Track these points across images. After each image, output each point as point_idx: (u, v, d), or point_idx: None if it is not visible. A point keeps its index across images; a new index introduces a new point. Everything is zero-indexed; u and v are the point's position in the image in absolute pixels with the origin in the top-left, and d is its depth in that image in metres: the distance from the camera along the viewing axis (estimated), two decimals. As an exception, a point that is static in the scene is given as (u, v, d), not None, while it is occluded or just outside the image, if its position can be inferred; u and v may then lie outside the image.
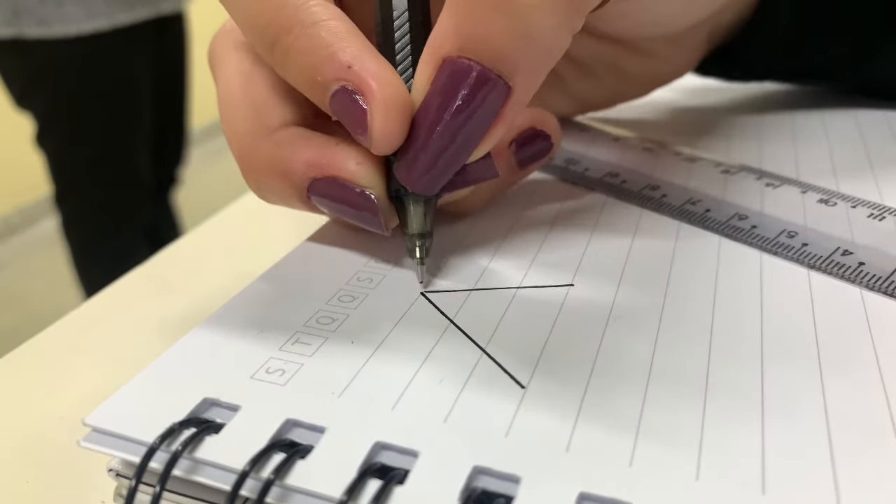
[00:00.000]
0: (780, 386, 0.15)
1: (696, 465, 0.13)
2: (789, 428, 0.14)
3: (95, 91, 0.92)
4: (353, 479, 0.13)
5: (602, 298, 0.18)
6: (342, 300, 0.19)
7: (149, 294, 0.26)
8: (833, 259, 0.19)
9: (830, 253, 0.19)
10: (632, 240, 0.21)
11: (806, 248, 0.20)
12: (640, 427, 0.14)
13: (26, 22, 0.85)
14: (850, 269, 0.19)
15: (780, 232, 0.20)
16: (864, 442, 0.13)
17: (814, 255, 0.19)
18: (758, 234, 0.20)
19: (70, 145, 0.95)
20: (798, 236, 0.20)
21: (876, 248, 0.19)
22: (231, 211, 0.32)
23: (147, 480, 0.14)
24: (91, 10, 0.87)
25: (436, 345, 0.17)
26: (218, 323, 0.18)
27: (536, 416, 0.14)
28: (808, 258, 0.19)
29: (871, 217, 0.20)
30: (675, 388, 0.15)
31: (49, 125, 0.94)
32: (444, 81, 0.16)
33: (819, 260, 0.19)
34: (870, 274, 0.18)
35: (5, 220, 1.76)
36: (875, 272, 0.18)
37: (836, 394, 0.14)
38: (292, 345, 0.17)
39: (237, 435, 0.14)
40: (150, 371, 0.16)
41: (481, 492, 0.13)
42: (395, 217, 0.19)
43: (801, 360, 0.16)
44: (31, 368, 0.22)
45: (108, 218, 0.99)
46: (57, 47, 0.87)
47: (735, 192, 0.23)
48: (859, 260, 0.19)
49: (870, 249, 0.19)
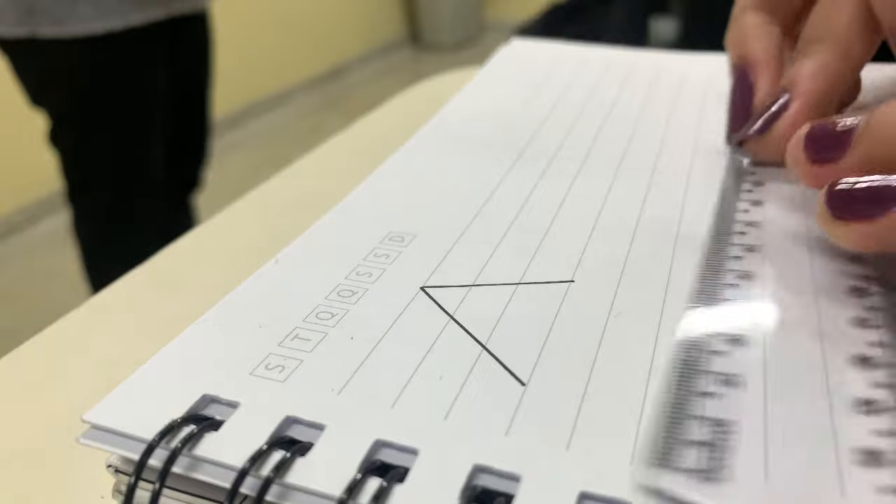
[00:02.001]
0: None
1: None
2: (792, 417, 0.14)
3: (109, 90, 0.92)
4: (353, 478, 0.13)
5: (603, 295, 0.18)
6: (342, 295, 0.19)
7: (149, 293, 0.26)
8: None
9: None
10: (633, 236, 0.21)
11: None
12: (641, 425, 0.14)
13: (40, 21, 0.85)
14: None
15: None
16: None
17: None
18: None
19: (83, 144, 0.94)
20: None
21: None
22: (231, 211, 0.32)
23: (146, 477, 0.14)
24: (104, 9, 0.87)
25: (436, 341, 0.16)
26: (216, 319, 0.18)
27: (537, 414, 0.14)
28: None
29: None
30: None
31: (62, 124, 0.94)
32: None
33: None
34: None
35: (6, 219, 1.76)
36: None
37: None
38: (291, 340, 0.17)
39: (236, 432, 0.14)
40: (148, 367, 0.16)
41: (481, 490, 0.13)
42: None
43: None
44: (31, 368, 0.22)
45: (120, 217, 0.99)
46: (70, 46, 0.87)
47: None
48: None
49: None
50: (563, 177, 0.25)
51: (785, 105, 0.23)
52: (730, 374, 0.15)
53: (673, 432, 0.13)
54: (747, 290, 0.17)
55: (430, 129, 0.29)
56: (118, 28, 0.88)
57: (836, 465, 0.13)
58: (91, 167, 0.96)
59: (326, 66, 2.71)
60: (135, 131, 0.96)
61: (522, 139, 0.28)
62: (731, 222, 0.21)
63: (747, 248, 0.19)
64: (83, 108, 0.92)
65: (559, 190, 0.24)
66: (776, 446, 0.13)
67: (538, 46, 0.39)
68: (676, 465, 0.13)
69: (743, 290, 0.17)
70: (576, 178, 0.25)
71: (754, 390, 0.14)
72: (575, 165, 0.26)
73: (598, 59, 0.36)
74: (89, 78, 0.90)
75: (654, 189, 0.23)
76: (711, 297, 0.17)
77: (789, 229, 0.20)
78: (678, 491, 0.12)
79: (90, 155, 0.95)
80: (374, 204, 0.23)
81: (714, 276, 0.18)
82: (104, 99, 0.92)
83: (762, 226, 0.20)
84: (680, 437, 0.13)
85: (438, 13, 3.02)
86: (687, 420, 0.14)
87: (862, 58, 0.24)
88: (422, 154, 0.27)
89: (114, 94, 0.92)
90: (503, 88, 0.33)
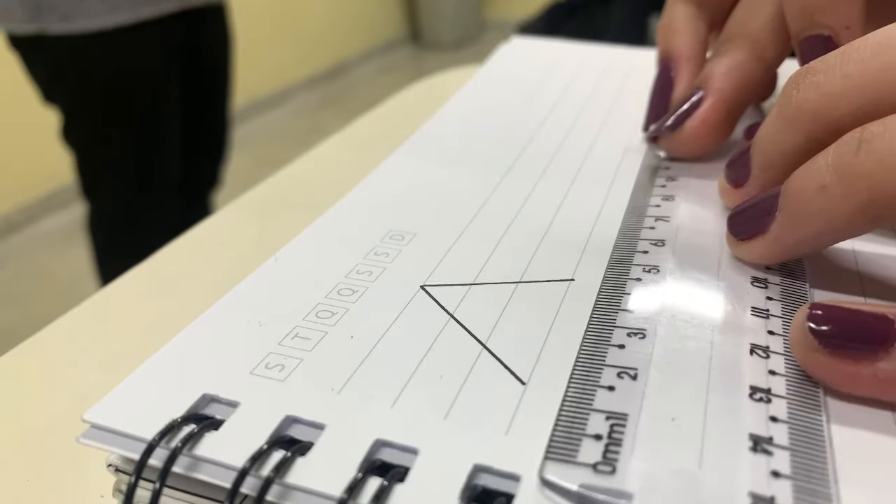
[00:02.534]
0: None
1: (699, 455, 0.13)
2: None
3: (120, 86, 0.91)
4: (353, 478, 0.13)
5: (627, 309, 0.18)
6: (342, 294, 0.18)
7: (149, 292, 0.26)
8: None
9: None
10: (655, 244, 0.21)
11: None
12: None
13: (48, 18, 0.84)
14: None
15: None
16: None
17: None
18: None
19: (95, 140, 0.94)
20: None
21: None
22: (231, 210, 0.32)
23: (146, 476, 0.14)
24: (113, 4, 0.86)
25: (436, 340, 0.16)
26: (216, 318, 0.18)
27: (537, 414, 0.14)
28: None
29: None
30: (678, 380, 0.15)
31: (74, 120, 0.93)
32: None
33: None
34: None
35: (6, 218, 1.76)
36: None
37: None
38: (291, 339, 0.17)
39: (237, 431, 0.14)
40: (148, 367, 0.16)
41: (482, 490, 0.13)
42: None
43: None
44: (31, 368, 0.22)
45: (134, 215, 0.98)
46: (80, 42, 0.86)
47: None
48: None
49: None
50: (563, 175, 0.25)
51: (698, 102, 0.23)
52: (628, 368, 0.15)
53: (574, 426, 0.14)
54: (653, 283, 0.18)
55: (430, 127, 0.29)
56: (128, 22, 0.87)
57: (733, 452, 0.13)
58: (103, 164, 0.95)
59: (327, 64, 2.71)
60: (148, 128, 0.95)
61: (523, 137, 0.28)
62: (643, 217, 0.21)
63: (654, 243, 0.20)
64: (94, 105, 0.91)
65: (559, 188, 0.24)
66: (669, 436, 0.13)
67: (538, 45, 0.39)
68: (575, 459, 0.13)
69: (648, 283, 0.18)
70: (576, 176, 0.25)
71: (651, 383, 0.15)
72: (575, 164, 0.26)
73: (599, 57, 0.36)
74: (99, 74, 0.89)
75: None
76: (617, 291, 0.18)
77: (699, 224, 0.21)
78: (573, 484, 0.12)
79: (102, 152, 0.94)
80: (374, 202, 0.23)
81: (621, 270, 0.19)
82: (115, 95, 0.91)
83: (672, 220, 0.21)
84: (580, 430, 0.13)
85: (439, 11, 3.02)
86: (589, 413, 0.14)
87: (776, 58, 0.24)
88: (422, 152, 0.27)
89: (125, 90, 0.91)
90: (503, 87, 0.33)
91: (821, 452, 0.13)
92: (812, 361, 0.14)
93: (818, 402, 0.14)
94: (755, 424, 0.13)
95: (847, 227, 0.16)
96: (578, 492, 0.12)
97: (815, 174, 0.16)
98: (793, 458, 0.13)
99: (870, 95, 0.16)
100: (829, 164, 0.15)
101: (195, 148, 1.03)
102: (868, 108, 0.16)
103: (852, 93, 0.16)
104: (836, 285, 0.18)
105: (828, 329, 0.14)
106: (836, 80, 0.16)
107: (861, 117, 0.16)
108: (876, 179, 0.14)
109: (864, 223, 0.15)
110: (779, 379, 0.15)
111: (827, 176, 0.15)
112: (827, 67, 0.17)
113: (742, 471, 0.12)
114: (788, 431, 0.13)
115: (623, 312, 0.17)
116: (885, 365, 0.14)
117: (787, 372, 0.15)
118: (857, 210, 0.15)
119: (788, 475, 0.12)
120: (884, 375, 0.14)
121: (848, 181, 0.15)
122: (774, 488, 0.12)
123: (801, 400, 0.14)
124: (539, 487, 0.12)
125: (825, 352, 0.14)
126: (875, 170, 0.14)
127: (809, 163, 0.16)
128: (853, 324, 0.14)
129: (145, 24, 0.88)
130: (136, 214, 0.97)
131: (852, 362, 0.14)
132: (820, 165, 0.16)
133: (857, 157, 0.15)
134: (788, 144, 0.18)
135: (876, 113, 0.15)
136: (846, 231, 0.16)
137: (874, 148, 0.15)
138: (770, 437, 0.13)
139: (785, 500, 0.12)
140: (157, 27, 0.90)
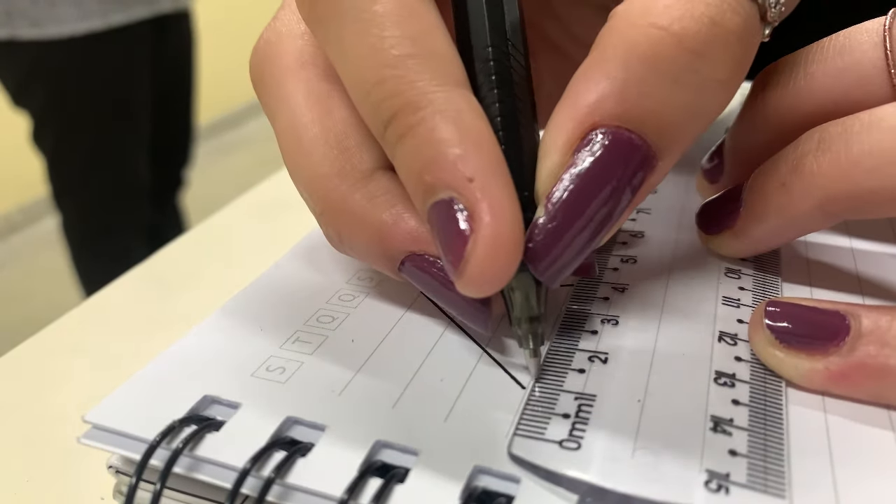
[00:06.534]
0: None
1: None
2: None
3: (90, 92, 0.91)
4: (353, 478, 0.13)
5: (602, 297, 0.18)
6: (343, 298, 0.19)
7: (148, 293, 0.26)
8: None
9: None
10: (634, 236, 0.21)
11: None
12: (641, 423, 0.14)
13: (19, 23, 0.85)
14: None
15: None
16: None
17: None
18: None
19: (65, 145, 0.94)
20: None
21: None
22: (231, 210, 0.32)
23: (147, 477, 0.14)
24: (84, 10, 0.86)
25: (436, 343, 0.17)
26: (219, 321, 0.18)
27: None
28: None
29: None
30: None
31: (43, 125, 0.94)
32: (596, 154, 0.14)
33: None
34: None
35: (6, 217, 1.76)
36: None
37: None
38: (293, 343, 0.17)
39: (238, 432, 0.14)
40: (150, 368, 0.16)
41: (482, 491, 0.13)
42: (501, 305, 0.16)
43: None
44: (31, 368, 0.22)
45: (104, 218, 0.98)
46: (50, 48, 0.87)
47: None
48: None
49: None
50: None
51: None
52: (600, 352, 0.16)
53: (543, 405, 0.14)
54: (628, 272, 0.19)
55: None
56: (99, 29, 0.88)
57: (694, 432, 0.13)
58: (73, 168, 0.95)
59: (327, 66, 2.70)
60: (116, 132, 0.95)
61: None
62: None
63: (632, 234, 0.21)
64: (62, 110, 0.92)
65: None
66: (634, 416, 0.14)
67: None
68: (543, 436, 0.13)
69: (622, 272, 0.19)
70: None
71: (622, 367, 0.15)
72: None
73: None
74: (67, 79, 0.90)
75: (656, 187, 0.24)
76: (593, 281, 0.18)
77: (676, 216, 0.22)
78: (539, 459, 0.13)
79: (72, 156, 0.94)
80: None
81: (598, 260, 0.19)
82: (84, 100, 0.91)
83: (652, 213, 0.22)
84: (549, 409, 0.14)
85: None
86: (559, 394, 0.14)
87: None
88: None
89: (93, 95, 0.92)
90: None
91: (777, 433, 0.13)
92: (768, 356, 0.15)
93: (779, 388, 0.15)
94: (718, 407, 0.14)
95: (806, 223, 0.17)
96: (544, 466, 0.13)
97: (776, 172, 0.17)
98: (750, 438, 0.13)
99: (831, 95, 0.16)
100: (789, 163, 0.16)
101: (161, 151, 1.04)
102: (830, 106, 0.16)
103: (815, 92, 0.17)
104: (834, 283, 0.18)
105: (783, 326, 0.15)
106: (799, 79, 0.17)
107: (823, 115, 0.16)
108: (831, 178, 0.15)
109: (822, 219, 0.16)
110: (744, 365, 0.15)
111: (786, 174, 0.16)
112: (792, 66, 0.17)
113: (701, 449, 0.13)
114: (749, 414, 0.14)
115: (598, 300, 0.18)
116: (837, 359, 0.14)
117: (752, 359, 0.15)
118: (815, 207, 0.16)
119: (745, 454, 0.13)
120: (836, 369, 0.14)
121: (806, 180, 0.16)
122: (730, 466, 0.13)
123: (763, 385, 0.15)
124: (539, 488, 0.12)
125: (780, 346, 0.15)
126: (830, 170, 0.15)
127: (772, 160, 0.17)
128: (806, 321, 0.15)
129: (115, 30, 0.89)
130: (106, 218, 0.98)
131: (806, 357, 0.14)
132: (780, 163, 0.16)
133: (815, 157, 0.15)
134: (754, 141, 0.18)
135: (837, 112, 0.16)
136: (805, 226, 0.17)
137: (831, 148, 0.15)
138: (731, 419, 0.14)
139: (739, 477, 0.12)
140: (127, 33, 0.91)
